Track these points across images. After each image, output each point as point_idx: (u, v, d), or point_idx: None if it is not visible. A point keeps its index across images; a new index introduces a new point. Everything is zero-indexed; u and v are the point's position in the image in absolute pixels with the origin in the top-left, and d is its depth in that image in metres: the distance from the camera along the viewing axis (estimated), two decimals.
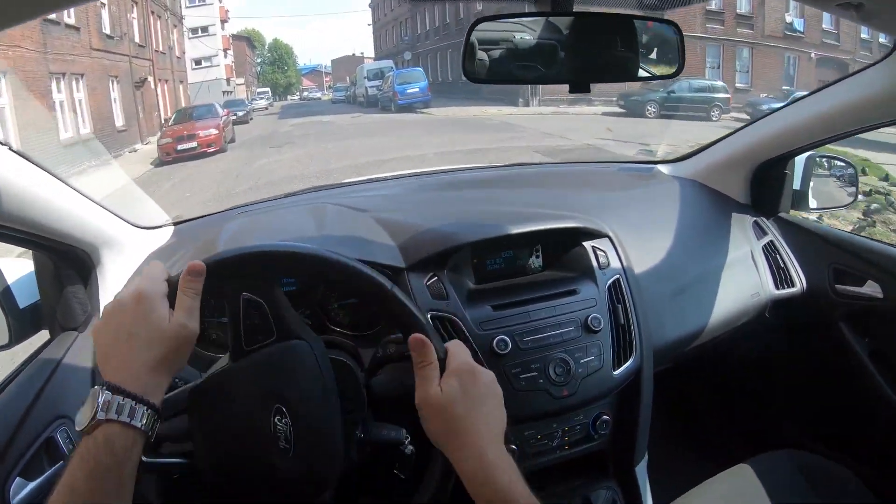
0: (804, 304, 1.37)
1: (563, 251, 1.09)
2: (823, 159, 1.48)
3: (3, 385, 0.99)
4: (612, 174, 1.59)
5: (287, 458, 0.71)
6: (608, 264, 1.08)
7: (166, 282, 0.69)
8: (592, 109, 16.72)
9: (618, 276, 1.08)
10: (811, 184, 1.45)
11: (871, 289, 1.32)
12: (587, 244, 1.09)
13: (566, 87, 0.93)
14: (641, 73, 1.04)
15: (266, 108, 28.73)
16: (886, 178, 6.61)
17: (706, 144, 1.48)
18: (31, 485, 0.88)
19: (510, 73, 0.99)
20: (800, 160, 1.43)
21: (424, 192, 1.35)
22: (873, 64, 1.11)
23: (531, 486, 1.02)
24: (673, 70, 1.05)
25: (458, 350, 0.74)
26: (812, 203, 1.45)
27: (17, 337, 1.02)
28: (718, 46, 18.72)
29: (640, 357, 1.05)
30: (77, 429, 0.61)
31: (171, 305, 0.67)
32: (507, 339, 0.95)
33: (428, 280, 0.98)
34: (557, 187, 1.44)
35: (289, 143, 13.00)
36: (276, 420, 0.71)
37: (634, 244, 1.16)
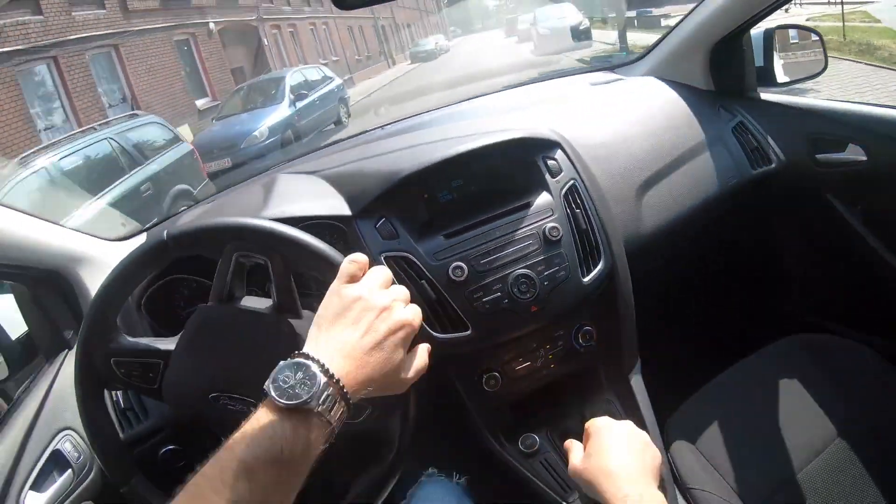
0: (786, 179, 1.31)
1: (513, 167, 1.06)
2: (783, 30, 1.42)
3: (9, 409, 1.04)
4: (571, 85, 1.54)
5: None
6: (560, 171, 1.04)
7: None
8: None
9: (572, 180, 1.04)
10: (775, 58, 1.39)
11: (854, 153, 1.26)
12: (537, 156, 1.06)
13: None
14: None
15: None
16: None
17: (657, 39, 1.44)
18: (43, 497, 0.92)
19: None
20: (757, 36, 1.37)
21: (371, 143, 1.33)
22: None
23: (522, 411, 1.03)
24: None
25: (593, 422, 0.79)
26: (779, 77, 1.39)
27: (13, 368, 1.07)
28: None
29: (611, 259, 1.01)
30: (276, 394, 0.52)
31: None
32: (463, 264, 0.93)
33: (377, 223, 0.97)
34: (508, 110, 1.40)
35: None
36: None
37: (593, 148, 1.13)
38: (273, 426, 0.50)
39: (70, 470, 0.97)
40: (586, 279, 0.98)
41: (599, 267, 0.99)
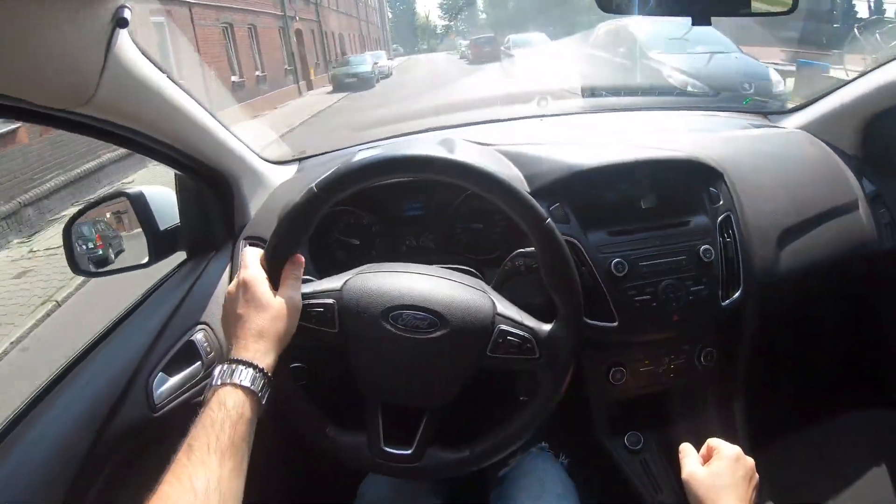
0: None
1: (677, 185, 1.11)
2: None
3: (145, 298, 1.09)
4: (726, 121, 1.58)
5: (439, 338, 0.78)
6: (720, 200, 1.10)
7: (262, 266, 0.78)
8: None
9: (728, 212, 1.09)
10: None
11: None
12: (701, 181, 1.11)
13: None
14: (757, 7, 1.05)
15: None
16: None
17: (818, 95, 1.46)
18: (171, 380, 0.98)
19: (640, 5, 0.99)
20: None
21: (542, 130, 1.40)
22: None
23: (632, 410, 1.06)
24: (788, 7, 1.06)
25: (723, 444, 0.87)
26: None
27: (155, 257, 1.12)
28: None
29: (747, 290, 1.06)
30: (200, 401, 0.68)
31: (273, 283, 0.77)
32: (624, 262, 0.99)
33: (551, 206, 1.03)
34: (670, 131, 1.44)
35: None
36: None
37: (743, 186, 1.17)
38: (198, 416, 0.65)
39: (200, 362, 1.02)
40: (724, 303, 1.04)
41: (737, 295, 1.05)
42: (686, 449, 0.88)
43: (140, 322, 1.02)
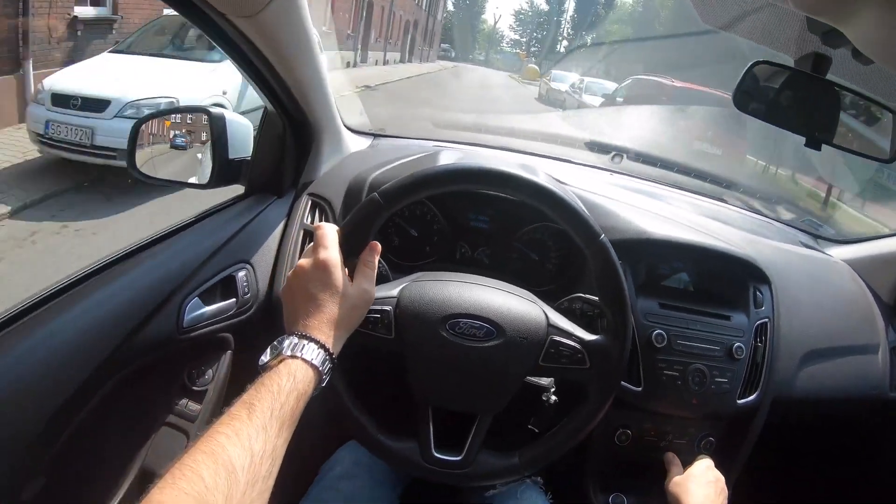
0: None
1: (729, 278, 1.15)
2: None
3: (197, 220, 1.08)
4: (780, 231, 1.61)
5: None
6: (762, 304, 1.14)
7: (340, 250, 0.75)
8: None
9: (767, 319, 1.13)
10: None
11: None
12: (749, 281, 1.15)
13: None
14: (868, 151, 1.09)
15: None
16: None
17: (871, 236, 1.51)
18: (204, 308, 0.99)
19: (770, 114, 1.03)
20: None
21: (609, 185, 1.41)
22: None
23: (627, 474, 1.10)
24: (887, 157, 1.10)
25: (707, 459, 1.03)
26: None
27: (216, 182, 1.11)
28: None
29: (762, 396, 1.10)
30: (261, 364, 0.66)
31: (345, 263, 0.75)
32: (664, 335, 1.03)
33: None
34: (731, 224, 1.45)
35: None
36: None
37: (785, 298, 1.21)
38: (260, 377, 0.63)
39: (235, 299, 1.03)
40: (740, 401, 1.08)
41: (753, 397, 1.10)
42: (671, 458, 1.05)
43: (188, 243, 1.02)
